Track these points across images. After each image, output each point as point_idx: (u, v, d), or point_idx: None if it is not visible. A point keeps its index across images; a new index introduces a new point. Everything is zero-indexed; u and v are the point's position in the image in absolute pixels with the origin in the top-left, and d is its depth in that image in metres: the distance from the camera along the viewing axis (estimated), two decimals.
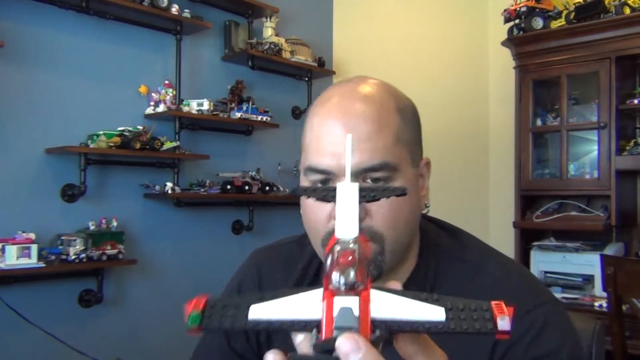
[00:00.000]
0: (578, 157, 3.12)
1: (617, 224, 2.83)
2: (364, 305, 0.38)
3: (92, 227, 2.16)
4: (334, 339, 0.37)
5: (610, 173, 2.83)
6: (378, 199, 0.48)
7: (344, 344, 0.36)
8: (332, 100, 0.77)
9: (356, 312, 0.37)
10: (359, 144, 0.73)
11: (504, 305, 0.38)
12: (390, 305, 0.39)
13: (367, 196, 0.46)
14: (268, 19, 2.74)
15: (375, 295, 0.39)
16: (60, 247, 2.06)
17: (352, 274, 0.38)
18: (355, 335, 0.36)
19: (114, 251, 2.15)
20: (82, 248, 2.05)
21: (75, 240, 2.05)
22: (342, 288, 0.38)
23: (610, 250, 2.82)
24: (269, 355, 0.41)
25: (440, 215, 0.96)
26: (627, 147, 2.87)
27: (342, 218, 0.43)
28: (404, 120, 0.77)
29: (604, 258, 2.09)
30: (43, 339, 2.05)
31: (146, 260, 2.39)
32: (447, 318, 0.37)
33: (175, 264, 2.49)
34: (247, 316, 0.39)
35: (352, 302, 0.38)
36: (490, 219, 3.76)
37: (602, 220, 2.88)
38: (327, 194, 0.47)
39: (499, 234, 3.55)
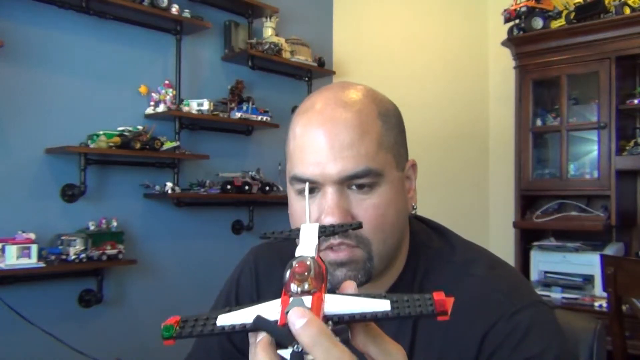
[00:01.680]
0: (578, 157, 3.12)
1: (617, 224, 2.83)
2: (316, 301, 0.44)
3: (92, 227, 2.16)
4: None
5: (610, 173, 2.83)
6: (337, 233, 0.57)
7: (292, 314, 0.42)
8: (314, 108, 0.77)
9: (307, 305, 0.44)
10: (342, 151, 0.73)
11: (443, 294, 0.44)
12: (342, 303, 0.45)
13: (326, 231, 0.54)
14: (268, 19, 2.74)
15: (329, 297, 0.46)
16: (60, 247, 2.06)
17: (306, 282, 0.45)
18: (302, 308, 0.43)
19: (114, 251, 2.15)
20: (82, 248, 2.05)
21: (75, 240, 2.05)
22: (298, 292, 0.45)
23: (610, 250, 2.82)
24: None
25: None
26: (627, 147, 2.87)
27: (303, 246, 0.51)
28: (386, 124, 0.77)
29: (604, 258, 2.09)
30: (43, 339, 2.05)
31: (146, 260, 2.38)
32: (392, 308, 0.44)
33: (175, 264, 2.49)
34: (215, 324, 0.46)
35: (304, 299, 0.44)
36: (490, 219, 3.76)
37: (602, 220, 2.88)
38: (291, 234, 0.57)
39: (499, 234, 3.55)
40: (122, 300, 2.33)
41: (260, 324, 0.44)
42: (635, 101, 2.85)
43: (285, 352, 0.44)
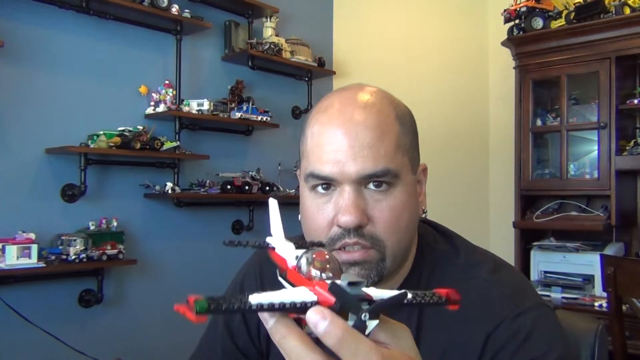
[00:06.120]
0: (578, 157, 3.12)
1: (617, 224, 2.83)
2: None
3: (92, 227, 2.16)
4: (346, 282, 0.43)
5: (610, 173, 2.83)
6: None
7: (312, 315, 0.41)
8: (333, 108, 0.78)
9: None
10: (362, 150, 0.73)
11: (445, 290, 0.48)
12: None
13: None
14: (268, 19, 2.74)
15: None
16: (60, 247, 2.06)
17: (328, 271, 0.46)
18: (321, 308, 0.42)
19: (114, 251, 2.15)
20: (82, 248, 2.05)
21: (75, 240, 2.05)
22: (323, 278, 0.45)
23: (610, 250, 2.82)
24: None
25: (440, 215, 0.96)
26: (627, 147, 2.87)
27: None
28: (403, 127, 0.78)
29: (604, 258, 2.09)
30: (43, 339, 2.05)
31: (146, 260, 2.38)
32: (411, 297, 0.46)
33: (175, 264, 2.49)
34: (249, 301, 0.42)
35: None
36: (490, 219, 3.76)
37: (602, 220, 2.88)
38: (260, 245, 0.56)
39: (499, 234, 3.55)
40: (122, 300, 2.33)
41: (336, 289, 0.42)
42: (635, 101, 2.85)
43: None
